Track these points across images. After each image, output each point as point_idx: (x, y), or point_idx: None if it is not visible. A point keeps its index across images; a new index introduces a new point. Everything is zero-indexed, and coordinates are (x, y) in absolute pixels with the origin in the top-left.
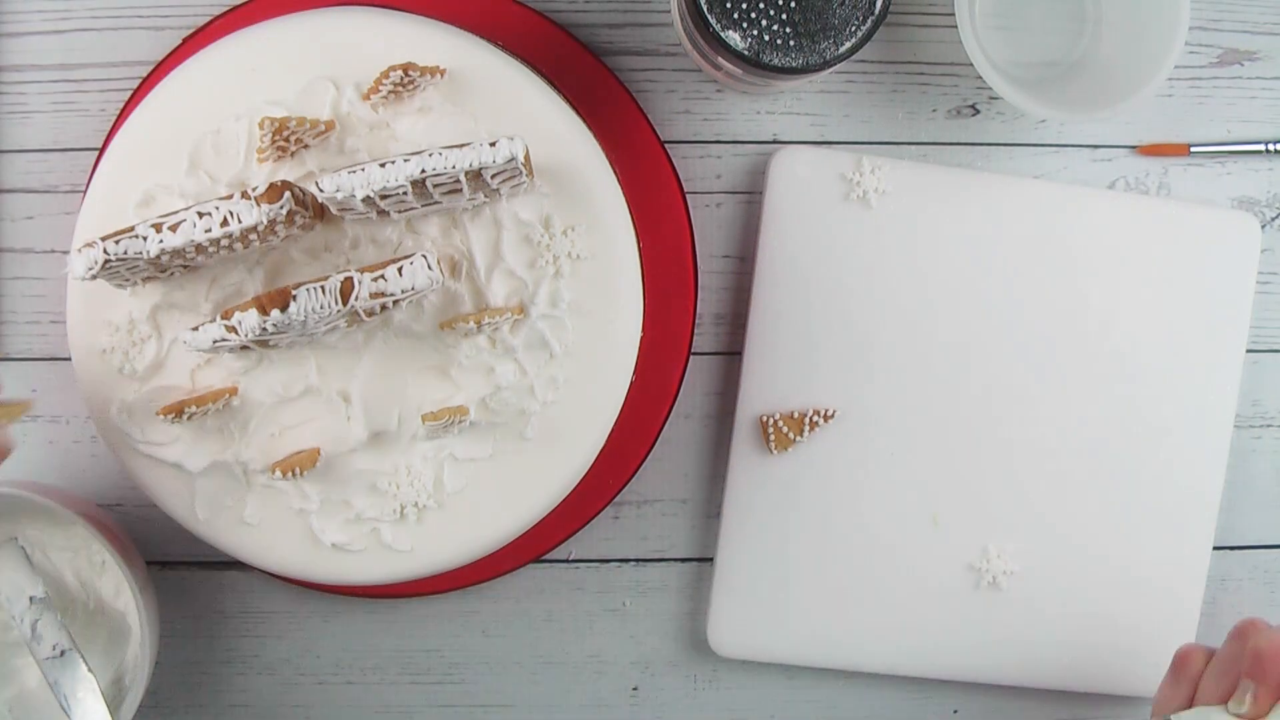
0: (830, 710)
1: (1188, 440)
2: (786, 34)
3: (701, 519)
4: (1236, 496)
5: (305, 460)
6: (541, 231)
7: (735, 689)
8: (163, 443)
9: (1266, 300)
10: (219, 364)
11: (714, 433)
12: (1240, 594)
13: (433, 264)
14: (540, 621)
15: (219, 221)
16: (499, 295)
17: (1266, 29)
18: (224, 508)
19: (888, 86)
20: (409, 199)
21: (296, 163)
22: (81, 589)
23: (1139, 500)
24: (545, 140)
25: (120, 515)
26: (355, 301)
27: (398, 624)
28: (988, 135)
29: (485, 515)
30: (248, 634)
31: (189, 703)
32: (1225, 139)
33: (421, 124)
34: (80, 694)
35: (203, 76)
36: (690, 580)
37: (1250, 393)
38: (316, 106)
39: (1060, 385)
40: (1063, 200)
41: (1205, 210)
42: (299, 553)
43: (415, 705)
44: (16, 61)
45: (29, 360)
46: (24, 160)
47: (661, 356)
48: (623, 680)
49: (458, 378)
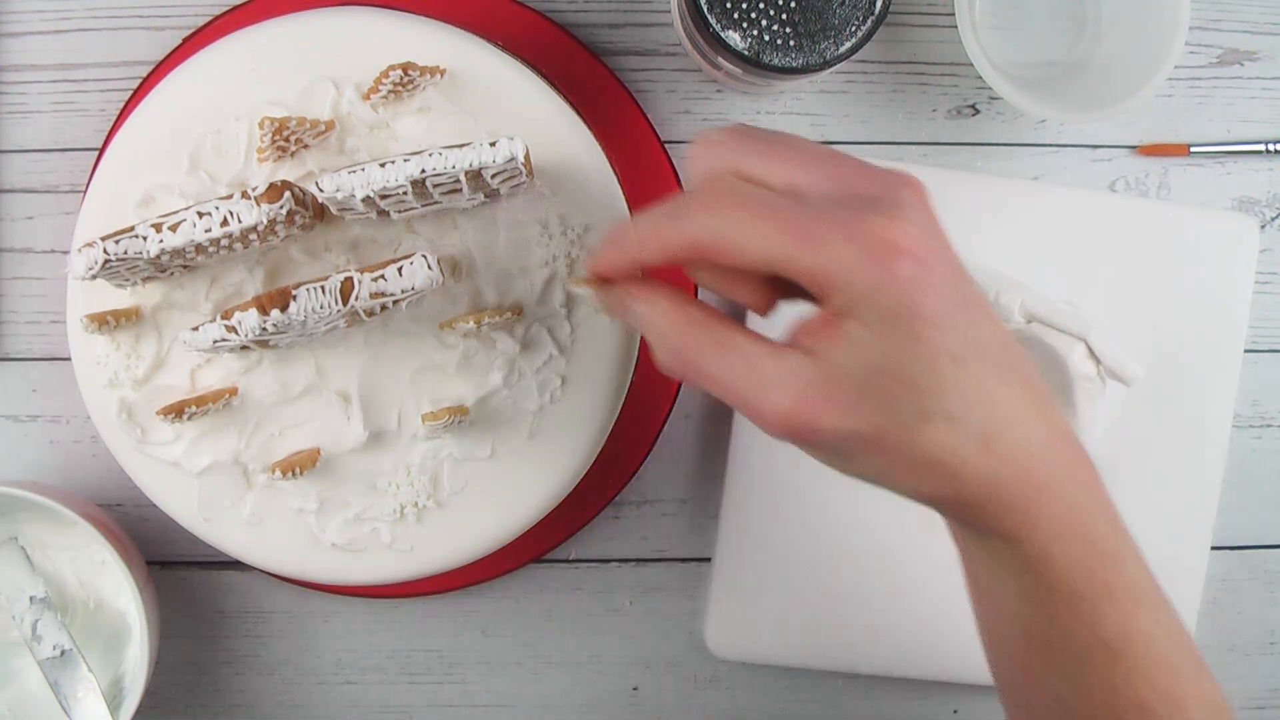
0: (830, 710)
1: (1187, 440)
2: (786, 34)
3: (701, 519)
4: (1236, 496)
5: (305, 460)
6: (541, 231)
7: (735, 689)
8: (163, 443)
9: (1266, 300)
10: (219, 364)
11: (714, 433)
12: (1240, 594)
13: (433, 264)
14: (540, 621)
15: (219, 221)
16: (499, 295)
17: (1266, 29)
18: (224, 508)
19: (888, 86)
20: (409, 199)
21: (296, 163)
22: (81, 589)
23: (1138, 500)
24: (545, 140)
25: (120, 515)
26: (355, 301)
27: (398, 624)
28: (988, 135)
29: (485, 515)
30: (248, 634)
31: (189, 703)
32: (1225, 139)
33: (421, 124)
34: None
35: (203, 76)
36: (690, 580)
37: (1250, 393)
38: (316, 106)
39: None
40: (1063, 200)
41: (1204, 211)
42: (299, 553)
43: (415, 705)
44: (16, 61)
45: (29, 360)
46: (24, 160)
47: None
48: (623, 680)
49: (457, 378)
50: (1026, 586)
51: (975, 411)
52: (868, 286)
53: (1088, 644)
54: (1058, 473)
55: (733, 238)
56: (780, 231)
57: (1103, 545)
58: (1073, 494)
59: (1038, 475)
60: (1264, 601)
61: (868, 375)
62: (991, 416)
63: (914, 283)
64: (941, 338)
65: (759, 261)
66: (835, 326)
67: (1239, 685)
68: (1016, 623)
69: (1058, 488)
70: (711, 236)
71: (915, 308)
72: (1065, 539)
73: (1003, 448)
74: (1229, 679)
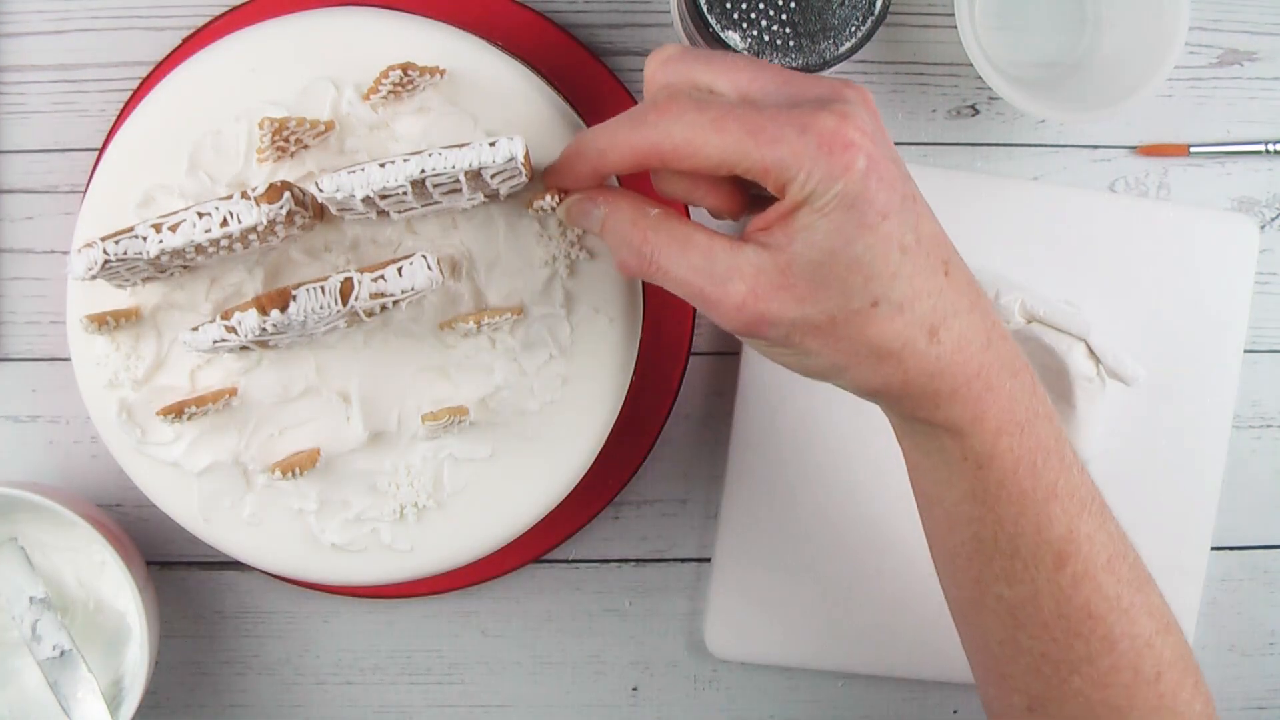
0: (830, 710)
1: (1186, 440)
2: (786, 34)
3: (701, 519)
4: (1235, 497)
5: (305, 460)
6: (541, 231)
7: (735, 689)
8: (163, 443)
9: (1265, 300)
10: (219, 364)
11: (714, 433)
12: (1240, 594)
13: (433, 264)
14: (540, 621)
15: (219, 222)
16: (499, 295)
17: (1266, 29)
18: (224, 508)
19: (888, 86)
20: (409, 199)
21: (296, 163)
22: (81, 589)
23: (1138, 500)
24: (545, 140)
25: (120, 515)
26: (355, 302)
27: (398, 624)
28: (988, 135)
29: (485, 515)
30: (248, 634)
31: (189, 703)
32: (1225, 139)
33: (421, 124)
34: (80, 694)
35: (203, 76)
36: (690, 580)
37: (1249, 393)
38: (316, 106)
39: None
40: (1062, 201)
41: (1203, 212)
42: (299, 553)
43: (415, 705)
44: (16, 61)
45: (29, 360)
46: (24, 160)
47: (661, 356)
48: (623, 680)
49: (457, 378)
50: (974, 486)
51: (922, 301)
52: (822, 176)
53: (1035, 546)
54: (999, 368)
55: (691, 139)
56: (737, 131)
57: (1046, 443)
58: (1013, 390)
59: (981, 367)
60: (1264, 601)
61: (820, 262)
62: (937, 307)
63: (866, 174)
64: (891, 227)
65: (717, 161)
66: (789, 218)
67: (1239, 685)
68: (967, 528)
69: (998, 382)
70: (671, 141)
71: (867, 197)
72: (1011, 433)
73: (947, 336)
74: (1229, 679)
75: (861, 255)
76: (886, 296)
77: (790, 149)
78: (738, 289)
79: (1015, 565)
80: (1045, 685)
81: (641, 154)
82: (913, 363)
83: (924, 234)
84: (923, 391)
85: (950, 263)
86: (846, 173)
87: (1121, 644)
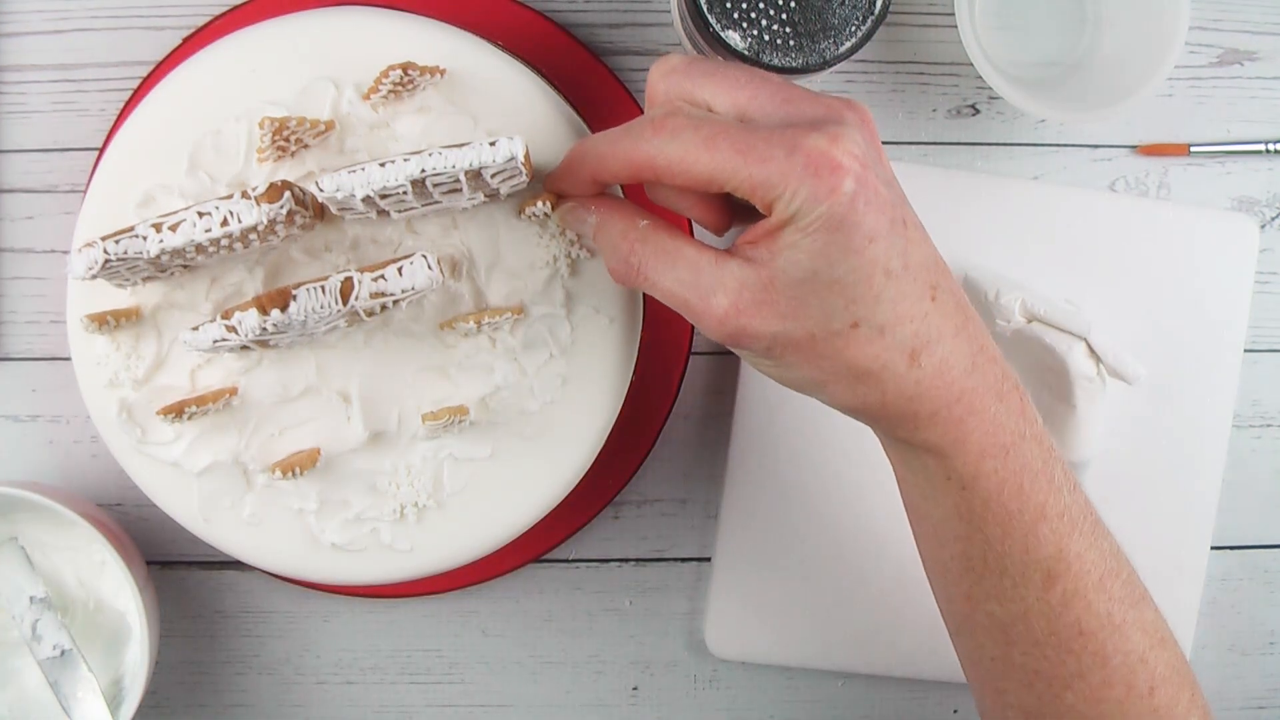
0: (830, 710)
1: (1186, 440)
2: (786, 34)
3: (701, 519)
4: (1235, 496)
5: (305, 460)
6: (541, 231)
7: (735, 689)
8: (163, 442)
9: (1265, 300)
10: (219, 364)
11: (714, 433)
12: (1239, 594)
13: (433, 264)
14: (540, 621)
15: (219, 221)
16: (499, 295)
17: (1266, 29)
18: (224, 508)
19: (888, 86)
20: (409, 199)
21: (296, 163)
22: (81, 589)
23: (1138, 500)
24: (545, 140)
25: (120, 515)
26: (355, 301)
27: (398, 624)
28: (988, 135)
29: (485, 515)
30: (248, 634)
31: (189, 703)
32: (1225, 139)
33: (421, 124)
34: (80, 694)
35: (203, 76)
36: (690, 580)
37: (1249, 393)
38: (316, 106)
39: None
40: (1062, 200)
41: (1203, 211)
42: (299, 553)
43: (415, 705)
44: (16, 61)
45: (29, 360)
46: (24, 160)
47: (661, 356)
48: (623, 680)
49: (457, 378)
50: (959, 505)
51: (904, 325)
52: (807, 196)
53: (1024, 565)
54: (983, 392)
55: (683, 157)
56: (727, 149)
57: (1033, 465)
58: (998, 414)
59: (964, 392)
60: (1264, 601)
61: (802, 280)
62: (919, 332)
63: (853, 197)
64: (876, 251)
65: (707, 178)
66: (775, 235)
67: (1239, 685)
68: (956, 545)
69: (982, 406)
70: (665, 157)
71: (854, 220)
72: (995, 456)
73: (929, 361)
74: (1229, 679)
75: (844, 277)
76: (868, 319)
77: (778, 168)
78: (720, 302)
79: (1005, 584)
80: (1039, 700)
81: (636, 167)
82: (891, 385)
83: (913, 259)
84: (901, 413)
85: (939, 287)
86: (832, 195)
87: (1114, 660)
